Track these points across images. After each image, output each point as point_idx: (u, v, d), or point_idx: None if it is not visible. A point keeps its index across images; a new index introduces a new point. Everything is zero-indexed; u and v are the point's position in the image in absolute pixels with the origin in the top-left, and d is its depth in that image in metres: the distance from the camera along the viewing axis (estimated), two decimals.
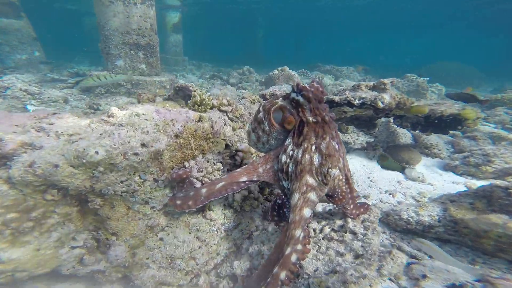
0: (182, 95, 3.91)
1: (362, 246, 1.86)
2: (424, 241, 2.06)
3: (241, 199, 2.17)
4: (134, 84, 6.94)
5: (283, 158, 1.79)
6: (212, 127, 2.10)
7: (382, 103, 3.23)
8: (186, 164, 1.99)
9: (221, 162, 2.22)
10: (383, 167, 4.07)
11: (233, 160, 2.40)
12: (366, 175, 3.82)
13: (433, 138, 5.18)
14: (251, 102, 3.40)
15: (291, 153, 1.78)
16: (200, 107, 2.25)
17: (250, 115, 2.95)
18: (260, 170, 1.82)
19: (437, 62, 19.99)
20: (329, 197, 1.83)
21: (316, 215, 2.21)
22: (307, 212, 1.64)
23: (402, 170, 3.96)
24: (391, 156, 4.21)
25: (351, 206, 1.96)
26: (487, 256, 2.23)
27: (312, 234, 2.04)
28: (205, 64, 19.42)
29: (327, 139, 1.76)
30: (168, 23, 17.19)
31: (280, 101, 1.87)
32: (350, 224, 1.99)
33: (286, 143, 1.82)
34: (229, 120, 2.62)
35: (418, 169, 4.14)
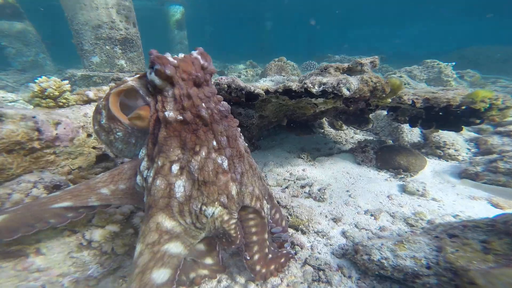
0: None
1: None
2: None
3: (105, 237, 1.53)
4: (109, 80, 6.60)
5: (138, 179, 1.12)
6: (38, 131, 1.46)
7: (348, 90, 2.38)
8: None
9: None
10: None
11: None
12: (346, 187, 2.98)
13: (449, 135, 4.11)
14: None
15: (144, 173, 1.11)
16: (46, 101, 1.65)
17: None
18: (105, 191, 1.15)
19: (471, 47, 17.32)
20: (216, 237, 1.15)
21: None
22: (158, 276, 0.96)
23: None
24: (384, 160, 3.30)
25: (256, 258, 1.23)
26: None
27: None
28: (212, 60, 19.03)
29: (203, 153, 1.07)
30: (170, 20, 16.86)
31: (130, 81, 1.20)
32: None
33: (140, 155, 1.16)
34: None
35: (421, 177, 3.19)
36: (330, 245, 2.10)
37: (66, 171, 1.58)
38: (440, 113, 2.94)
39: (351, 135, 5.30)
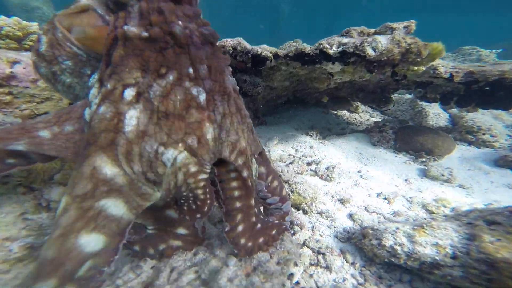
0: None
1: None
2: None
3: None
4: None
5: (86, 113, 0.86)
6: None
7: (374, 49, 1.98)
8: None
9: None
10: None
11: None
12: (358, 167, 2.66)
13: (484, 119, 3.60)
14: None
15: (93, 102, 0.86)
16: (6, 42, 1.42)
17: None
18: (45, 134, 0.87)
19: None
20: (177, 205, 0.91)
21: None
22: (87, 243, 0.73)
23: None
24: (405, 141, 2.92)
25: (240, 229, 0.98)
26: None
27: None
28: None
29: (171, 77, 0.81)
30: None
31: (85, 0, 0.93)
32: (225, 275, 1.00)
33: (90, 82, 0.91)
34: None
35: (446, 162, 2.80)
36: (334, 227, 1.85)
37: (26, 114, 1.38)
38: (487, 88, 2.47)
39: (367, 118, 4.87)
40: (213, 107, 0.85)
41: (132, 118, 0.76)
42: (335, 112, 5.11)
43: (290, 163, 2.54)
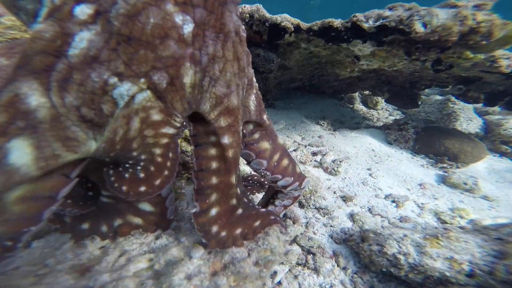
0: None
1: None
2: None
3: None
4: None
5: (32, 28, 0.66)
6: None
7: (425, 25, 1.61)
8: None
9: None
10: None
11: None
12: (368, 164, 2.42)
13: None
14: None
15: (38, 19, 0.66)
16: None
17: None
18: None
19: None
20: (115, 170, 0.69)
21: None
22: None
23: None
24: (427, 143, 2.61)
25: (214, 214, 0.80)
26: None
27: None
28: None
29: None
30: None
31: None
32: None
33: None
34: None
35: (470, 171, 2.50)
36: (331, 226, 1.67)
37: None
38: None
39: (386, 116, 4.50)
40: (201, 45, 0.65)
41: (83, 40, 0.57)
42: (351, 106, 4.76)
43: (294, 150, 2.34)
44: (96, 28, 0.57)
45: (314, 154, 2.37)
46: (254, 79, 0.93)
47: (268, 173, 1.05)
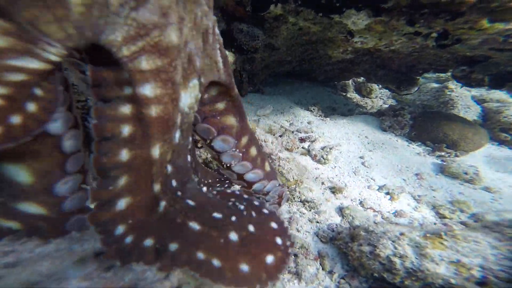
0: None
1: None
2: None
3: None
4: None
5: None
6: None
7: None
8: None
9: None
10: None
11: None
12: (361, 152, 2.20)
13: None
14: None
15: None
16: None
17: None
18: None
19: None
20: None
21: None
22: None
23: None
24: (425, 129, 2.41)
25: (123, 206, 0.51)
26: None
27: None
28: None
29: None
30: None
31: None
32: None
33: None
34: None
35: (469, 160, 2.32)
36: (317, 222, 1.45)
37: None
38: None
39: (380, 104, 4.29)
40: None
41: None
42: (344, 93, 4.53)
43: (280, 135, 2.09)
44: None
45: (302, 140, 2.13)
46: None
47: (235, 159, 0.80)
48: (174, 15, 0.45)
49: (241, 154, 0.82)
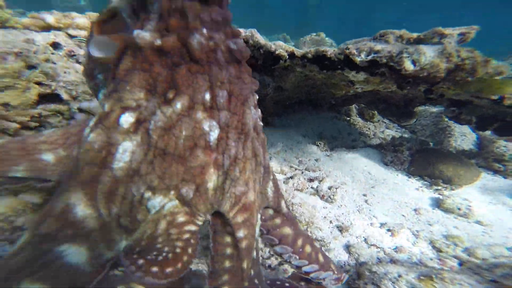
0: None
1: None
2: None
3: (17, 209, 1.24)
4: None
5: (86, 132, 0.72)
6: None
7: (414, 63, 1.69)
8: None
9: None
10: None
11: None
12: (364, 189, 2.47)
13: None
14: None
15: (90, 123, 0.73)
16: None
17: None
18: (48, 157, 0.73)
19: None
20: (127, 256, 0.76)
21: None
22: None
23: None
24: (422, 166, 2.67)
25: None
26: None
27: None
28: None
29: (179, 104, 0.67)
30: None
31: (115, 1, 0.78)
32: None
33: (99, 99, 0.80)
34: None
35: (464, 192, 2.56)
36: None
37: None
38: None
39: (382, 129, 4.57)
40: (224, 148, 0.70)
41: (126, 152, 0.64)
42: (348, 118, 4.83)
43: (291, 177, 2.39)
44: (137, 139, 0.65)
45: (310, 180, 2.42)
46: (270, 165, 0.99)
47: (295, 257, 1.03)
48: (251, 182, 0.77)
49: (297, 256, 1.05)
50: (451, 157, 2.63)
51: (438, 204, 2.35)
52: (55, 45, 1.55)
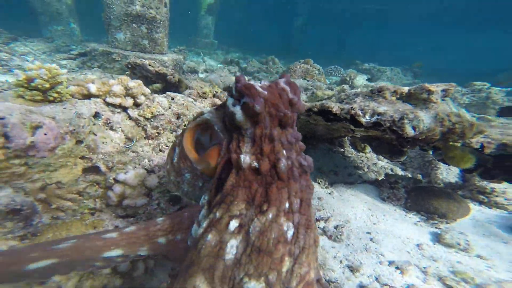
0: (139, 75, 3.34)
1: None
2: None
3: None
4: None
5: (194, 230, 1.00)
6: (6, 136, 1.17)
7: (414, 129, 1.97)
8: None
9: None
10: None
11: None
12: (367, 227, 2.59)
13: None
14: (200, 97, 2.49)
15: (202, 223, 0.97)
16: (32, 93, 1.38)
17: (179, 118, 2.09)
18: (162, 240, 1.05)
19: None
20: None
21: None
22: None
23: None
24: (417, 202, 2.86)
25: None
26: None
27: None
28: (234, 50, 18.52)
29: (270, 214, 0.89)
30: (203, 3, 15.91)
31: (206, 113, 1.08)
32: None
33: (201, 202, 1.03)
34: (128, 121, 1.80)
35: (458, 226, 2.71)
36: None
37: (38, 187, 1.36)
38: None
39: (374, 161, 4.87)
40: (295, 241, 0.89)
41: (233, 247, 0.85)
42: (342, 150, 5.12)
43: None
44: (239, 238, 0.86)
45: (317, 220, 2.52)
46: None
47: None
48: (312, 263, 0.95)
49: None
50: (443, 194, 2.85)
51: (438, 239, 2.47)
52: (96, 115, 1.70)
